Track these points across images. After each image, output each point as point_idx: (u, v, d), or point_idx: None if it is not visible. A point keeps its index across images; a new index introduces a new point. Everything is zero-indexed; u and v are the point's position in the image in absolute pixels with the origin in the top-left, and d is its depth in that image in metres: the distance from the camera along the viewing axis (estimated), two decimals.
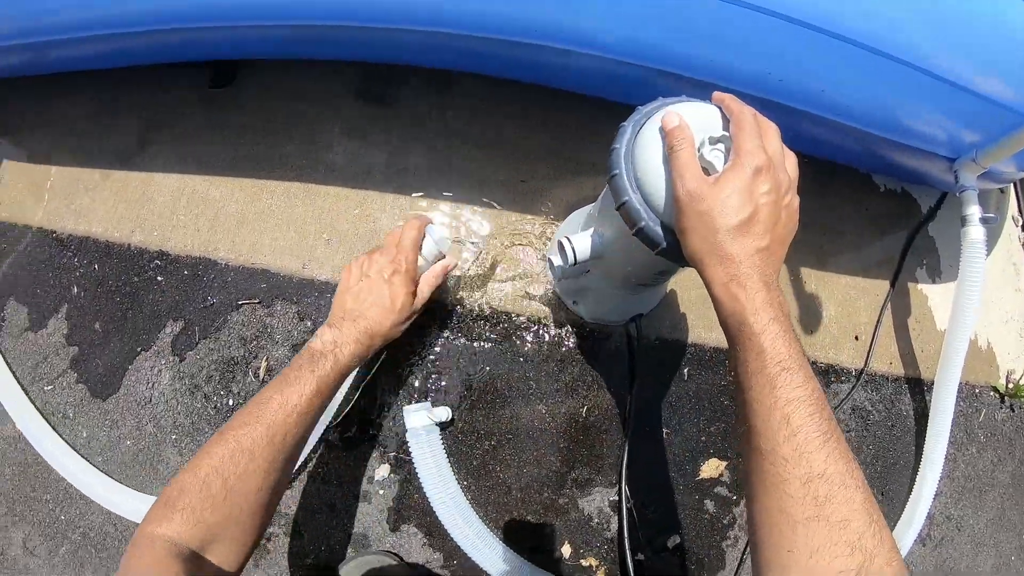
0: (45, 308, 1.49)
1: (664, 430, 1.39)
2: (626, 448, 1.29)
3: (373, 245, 1.32)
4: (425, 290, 1.02)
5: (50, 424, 1.41)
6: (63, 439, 1.39)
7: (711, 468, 1.42)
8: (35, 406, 1.43)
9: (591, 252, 1.05)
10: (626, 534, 1.23)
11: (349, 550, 1.30)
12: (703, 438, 1.42)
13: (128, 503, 1.31)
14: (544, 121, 1.43)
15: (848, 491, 0.51)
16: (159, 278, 1.39)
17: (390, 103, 1.43)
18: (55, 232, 1.53)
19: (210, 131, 1.47)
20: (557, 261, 1.10)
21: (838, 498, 0.50)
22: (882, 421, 1.50)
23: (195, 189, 1.43)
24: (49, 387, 1.45)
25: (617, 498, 1.35)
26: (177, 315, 1.36)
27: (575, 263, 1.06)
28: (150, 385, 1.36)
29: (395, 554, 1.29)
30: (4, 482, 1.51)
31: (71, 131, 1.60)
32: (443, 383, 1.29)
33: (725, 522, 1.43)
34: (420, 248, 1.01)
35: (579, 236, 1.06)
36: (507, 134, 1.42)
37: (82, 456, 1.38)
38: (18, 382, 1.45)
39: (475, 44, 1.08)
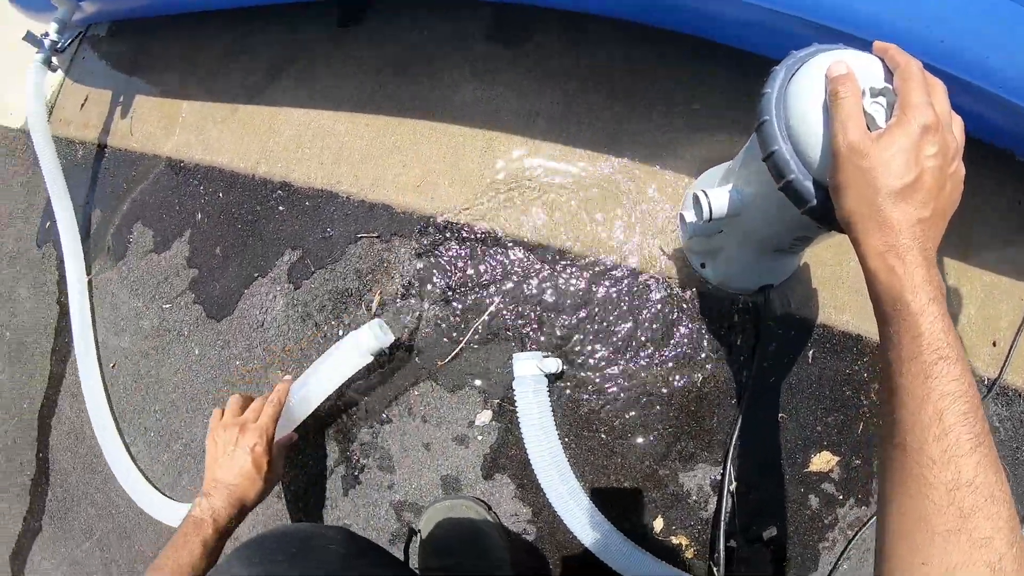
0: (170, 232, 1.50)
1: (779, 413, 1.28)
2: (738, 426, 1.18)
3: (496, 196, 1.27)
4: (280, 463, 1.05)
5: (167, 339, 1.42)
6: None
7: (821, 461, 1.30)
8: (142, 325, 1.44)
9: (728, 209, 0.96)
10: (724, 517, 1.13)
11: (439, 491, 1.25)
12: (819, 428, 1.29)
13: None
14: (679, 73, 1.34)
15: (995, 505, 0.44)
16: (281, 208, 1.38)
17: (521, 45, 1.36)
18: (183, 162, 1.55)
19: (338, 68, 1.45)
20: (690, 217, 1.01)
21: (983, 512, 0.44)
22: (1008, 441, 1.33)
23: (321, 124, 1.41)
24: (168, 305, 1.46)
25: (720, 478, 1.25)
26: (296, 244, 1.34)
27: (710, 219, 0.97)
28: (264, 310, 1.34)
29: (484, 502, 1.23)
30: (119, 391, 1.54)
31: (203, 69, 1.62)
32: (557, 334, 1.22)
33: (826, 522, 1.30)
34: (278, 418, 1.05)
35: (716, 191, 0.97)
36: (640, 84, 1.34)
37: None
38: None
39: None
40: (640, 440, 1.22)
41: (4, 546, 2.01)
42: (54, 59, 1.66)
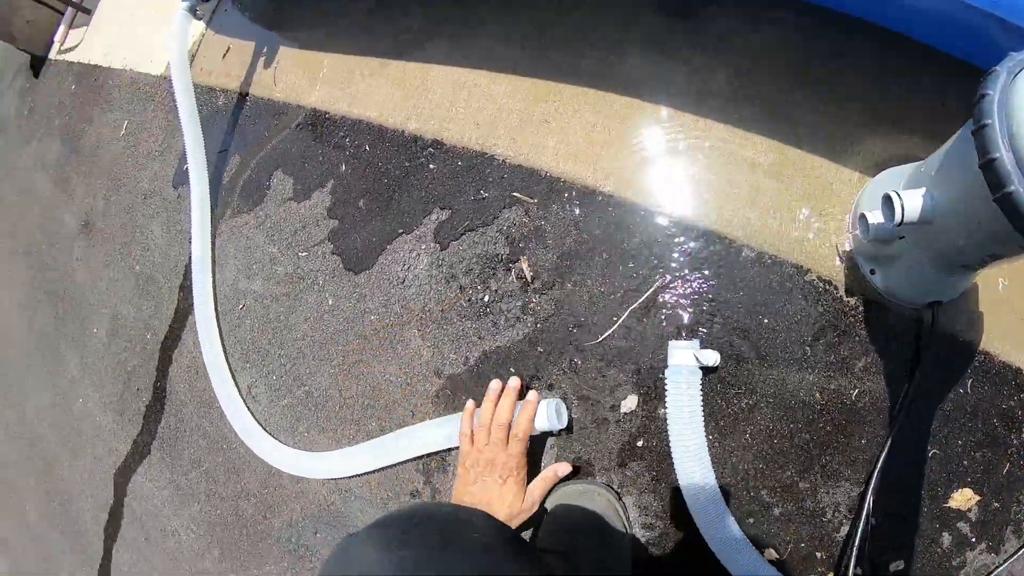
0: (311, 181, 1.48)
1: (929, 440, 1.16)
2: (886, 448, 1.07)
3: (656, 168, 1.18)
4: (536, 495, 0.96)
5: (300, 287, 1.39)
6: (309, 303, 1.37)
7: (962, 498, 1.16)
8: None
9: (920, 215, 0.85)
10: (857, 542, 1.02)
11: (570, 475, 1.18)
12: (965, 462, 1.16)
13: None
14: (861, 63, 1.23)
15: None
16: (431, 166, 1.32)
17: (695, 19, 1.27)
18: (328, 114, 1.52)
19: (496, 30, 1.38)
20: (875, 219, 0.90)
21: None
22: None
23: (477, 83, 1.35)
24: (304, 254, 1.44)
25: (860, 500, 1.14)
26: (445, 204, 1.29)
27: (900, 223, 0.86)
28: (406, 267, 1.30)
29: (615, 491, 1.16)
30: (244, 333, 1.52)
31: (352, 23, 1.58)
32: (716, 326, 1.13)
33: (955, 563, 1.17)
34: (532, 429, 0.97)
35: (911, 193, 0.86)
36: (818, 72, 1.23)
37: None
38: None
39: None
40: (786, 447, 1.12)
41: (111, 462, 2.06)
42: (198, 8, 1.66)
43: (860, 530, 1.02)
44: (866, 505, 1.04)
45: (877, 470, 1.05)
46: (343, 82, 1.53)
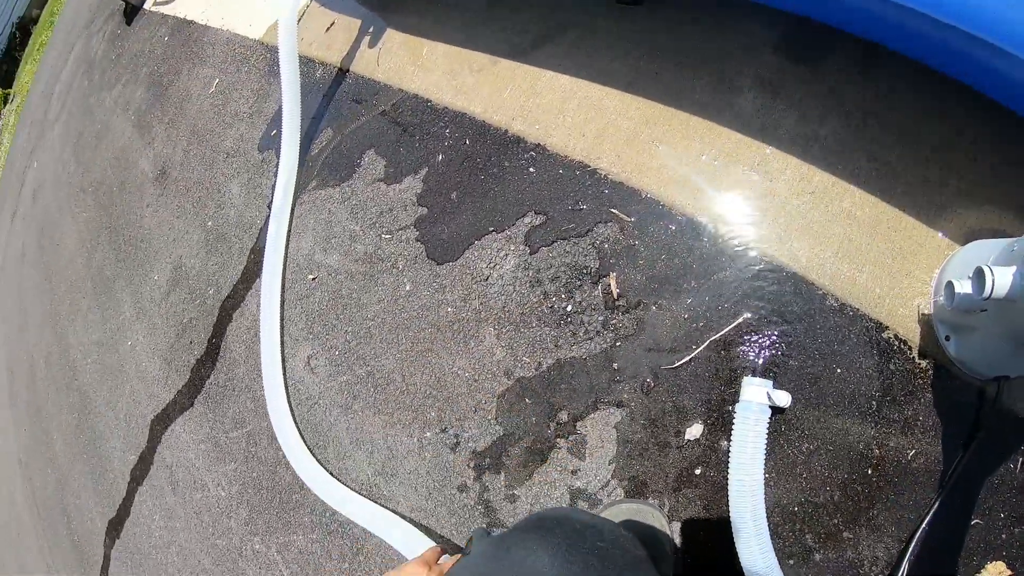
0: (404, 166, 1.46)
1: (974, 508, 1.11)
2: (932, 510, 1.03)
3: (762, 205, 1.14)
4: None
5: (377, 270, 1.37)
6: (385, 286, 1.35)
7: (994, 570, 1.11)
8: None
9: (1008, 292, 0.82)
10: None
11: (621, 492, 1.15)
12: (1003, 535, 1.11)
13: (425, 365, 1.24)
14: (971, 136, 1.18)
15: None
16: (531, 169, 1.30)
17: (809, 64, 1.23)
18: (431, 102, 1.50)
19: (613, 45, 1.36)
20: (963, 289, 0.87)
21: None
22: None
23: (587, 95, 1.32)
24: (387, 236, 1.41)
25: (898, 558, 1.10)
26: (540, 209, 1.26)
27: (988, 297, 0.83)
28: (491, 265, 1.27)
29: (664, 512, 1.12)
30: (312, 304, 1.51)
31: (467, 15, 1.56)
32: (790, 368, 1.09)
33: None
34: None
35: (1003, 270, 0.82)
36: (928, 135, 1.18)
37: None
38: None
39: (923, 25, 0.86)
40: (837, 496, 1.08)
41: (150, 407, 2.05)
42: None
43: None
44: (904, 565, 1.01)
45: (920, 531, 1.02)
46: (450, 73, 1.52)
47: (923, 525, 1.03)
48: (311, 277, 1.51)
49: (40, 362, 3.20)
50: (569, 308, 1.19)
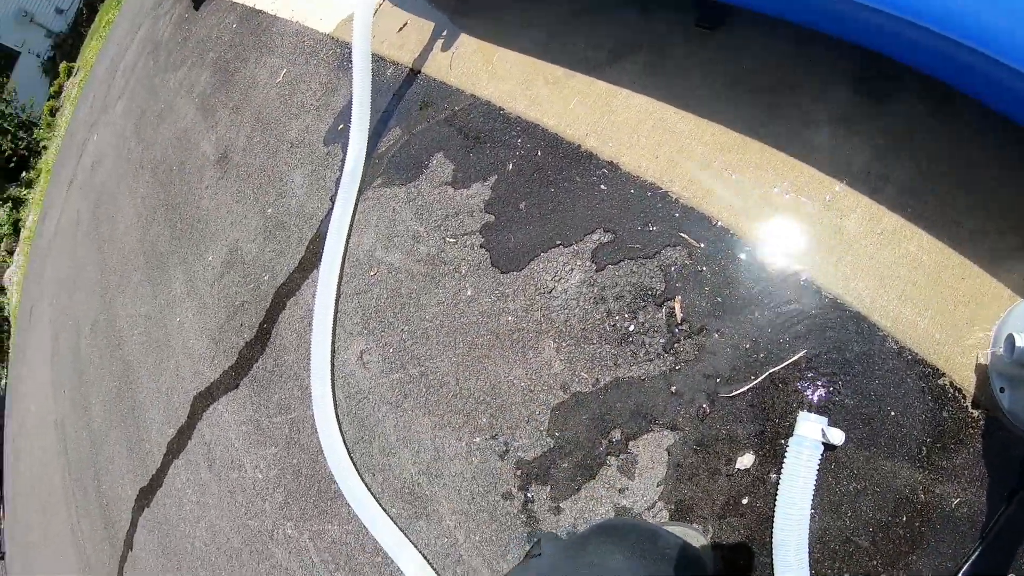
0: (473, 172, 1.44)
1: (1009, 564, 1.07)
2: (969, 561, 1.01)
3: (835, 244, 1.11)
4: None
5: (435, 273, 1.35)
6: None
7: None
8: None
9: None
10: None
11: (666, 515, 1.12)
12: None
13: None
14: None
15: None
16: (602, 186, 1.27)
17: (885, 102, 1.19)
18: (503, 110, 1.48)
19: (690, 69, 1.33)
20: (1023, 343, 0.84)
21: None
22: None
23: (663, 117, 1.29)
24: (452, 240, 1.40)
25: None
26: (609, 227, 1.23)
27: None
28: (556, 278, 1.24)
29: (706, 538, 1.09)
30: (369, 299, 1.50)
31: (542, 27, 1.54)
32: (845, 407, 1.05)
33: None
34: None
35: None
36: (998, 180, 1.14)
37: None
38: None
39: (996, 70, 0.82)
40: (879, 537, 1.04)
41: (193, 384, 2.06)
42: None
43: None
44: None
45: None
46: (523, 83, 1.50)
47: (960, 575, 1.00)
48: (371, 272, 1.50)
49: (86, 329, 3.25)
50: (631, 328, 1.17)
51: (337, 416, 1.48)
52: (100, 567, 3.00)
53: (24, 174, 8.35)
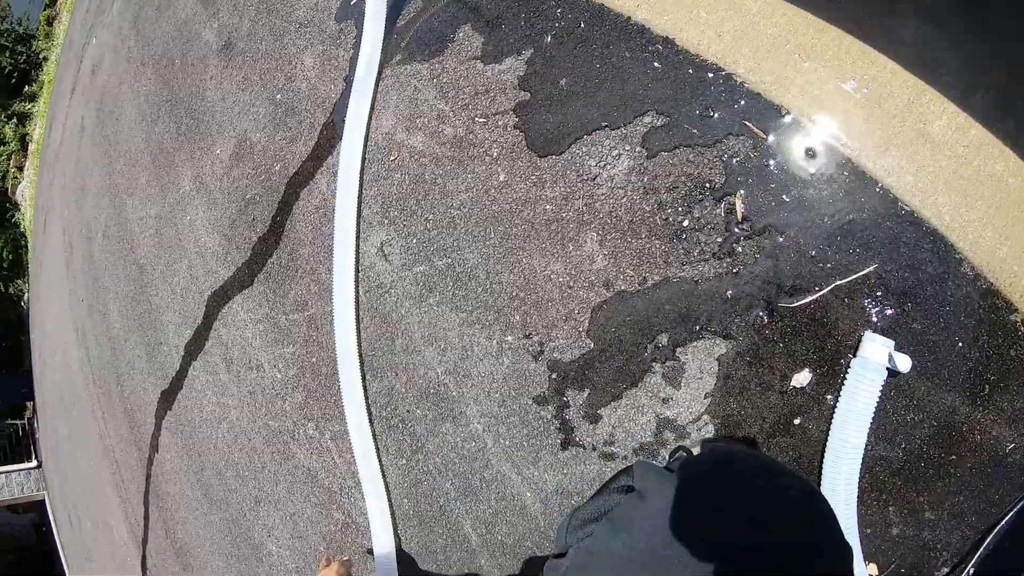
0: (505, 45, 1.24)
1: None
2: (1015, 509, 0.95)
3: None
4: None
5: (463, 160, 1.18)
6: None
7: None
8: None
9: None
10: None
11: (711, 430, 1.02)
12: None
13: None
14: None
15: None
16: (656, 64, 1.08)
17: (979, 2, 0.98)
18: None
19: None
20: None
21: None
22: None
23: None
24: (482, 120, 1.22)
25: (971, 549, 0.99)
26: (663, 110, 1.05)
27: None
28: (602, 164, 1.08)
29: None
30: (390, 186, 1.34)
31: None
32: (912, 329, 0.93)
33: None
34: None
35: None
36: None
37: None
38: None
39: None
40: (929, 474, 0.97)
41: (207, 283, 1.95)
42: None
43: None
44: (976, 556, 0.93)
45: (999, 527, 0.93)
46: None
47: (1003, 522, 0.95)
48: (391, 157, 1.34)
49: (98, 235, 3.12)
50: (685, 223, 1.02)
51: (357, 314, 1.37)
52: (129, 470, 3.04)
53: (27, 88, 7.97)
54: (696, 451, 1.01)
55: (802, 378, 0.98)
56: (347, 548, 1.52)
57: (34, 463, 7.07)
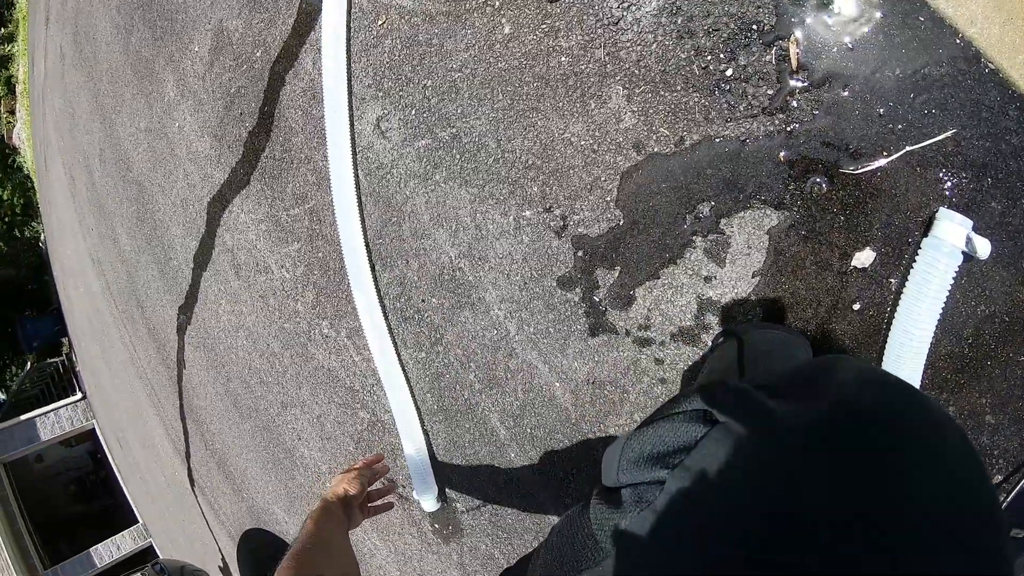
0: None
1: None
2: None
3: None
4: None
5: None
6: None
7: None
8: None
9: None
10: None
11: (759, 311, 0.90)
12: None
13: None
14: None
15: None
16: None
17: None
18: None
19: None
20: None
21: None
22: None
23: None
24: None
25: None
26: None
27: None
28: (624, 4, 0.89)
29: (808, 347, 0.88)
30: (381, 54, 1.16)
31: None
32: (990, 209, 0.77)
33: None
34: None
35: None
36: None
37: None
38: None
39: None
40: (995, 373, 0.84)
41: (205, 190, 1.82)
42: None
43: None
44: None
45: None
46: None
47: None
48: (379, 22, 1.15)
49: (95, 160, 2.96)
50: (729, 72, 0.84)
51: (360, 200, 1.24)
52: (163, 389, 3.08)
53: (2, 30, 7.51)
54: (747, 337, 0.88)
55: (864, 257, 0.85)
56: (376, 447, 1.50)
57: (79, 395, 7.36)
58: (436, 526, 1.47)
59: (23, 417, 7.08)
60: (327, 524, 0.81)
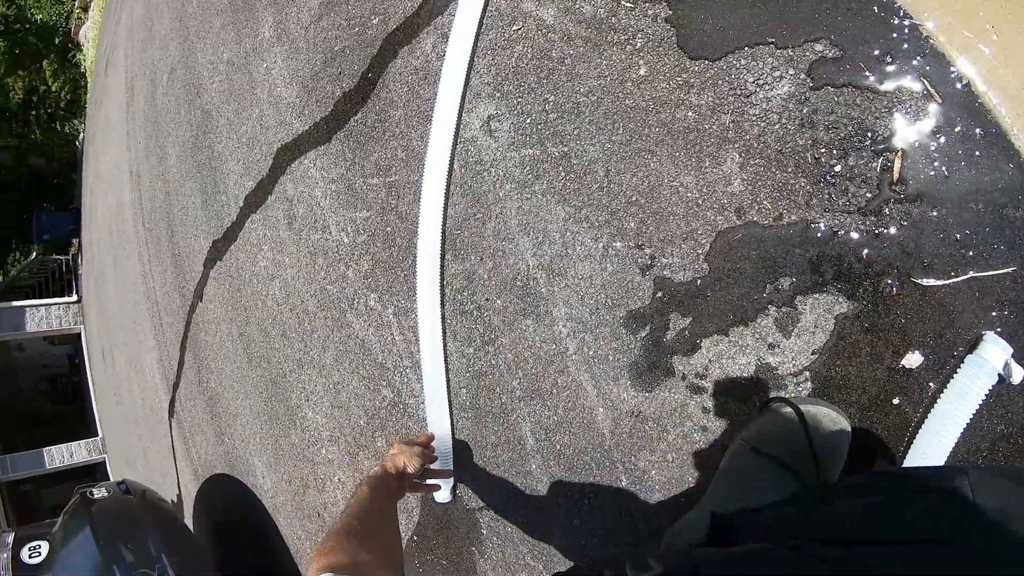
0: None
1: None
2: None
3: None
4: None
5: None
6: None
7: None
8: None
9: None
10: None
11: (808, 389, 0.91)
12: None
13: None
14: None
15: None
16: None
17: None
18: None
19: None
20: None
21: None
22: None
23: None
24: (629, 4, 1.01)
25: None
26: (837, 41, 0.85)
27: None
28: (759, 82, 0.90)
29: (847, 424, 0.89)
30: (508, 58, 1.15)
31: None
32: None
33: None
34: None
35: None
36: None
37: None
38: None
39: None
40: None
41: (278, 135, 1.78)
42: None
43: None
44: None
45: None
46: None
47: None
48: (514, 27, 1.14)
49: (163, 77, 2.90)
50: (838, 168, 0.85)
51: (448, 188, 1.22)
52: (170, 315, 3.00)
53: None
54: (807, 413, 0.88)
55: (913, 360, 0.86)
56: (391, 428, 1.46)
57: (74, 298, 7.17)
58: (431, 519, 1.44)
59: (14, 303, 6.87)
60: (381, 493, 0.78)
